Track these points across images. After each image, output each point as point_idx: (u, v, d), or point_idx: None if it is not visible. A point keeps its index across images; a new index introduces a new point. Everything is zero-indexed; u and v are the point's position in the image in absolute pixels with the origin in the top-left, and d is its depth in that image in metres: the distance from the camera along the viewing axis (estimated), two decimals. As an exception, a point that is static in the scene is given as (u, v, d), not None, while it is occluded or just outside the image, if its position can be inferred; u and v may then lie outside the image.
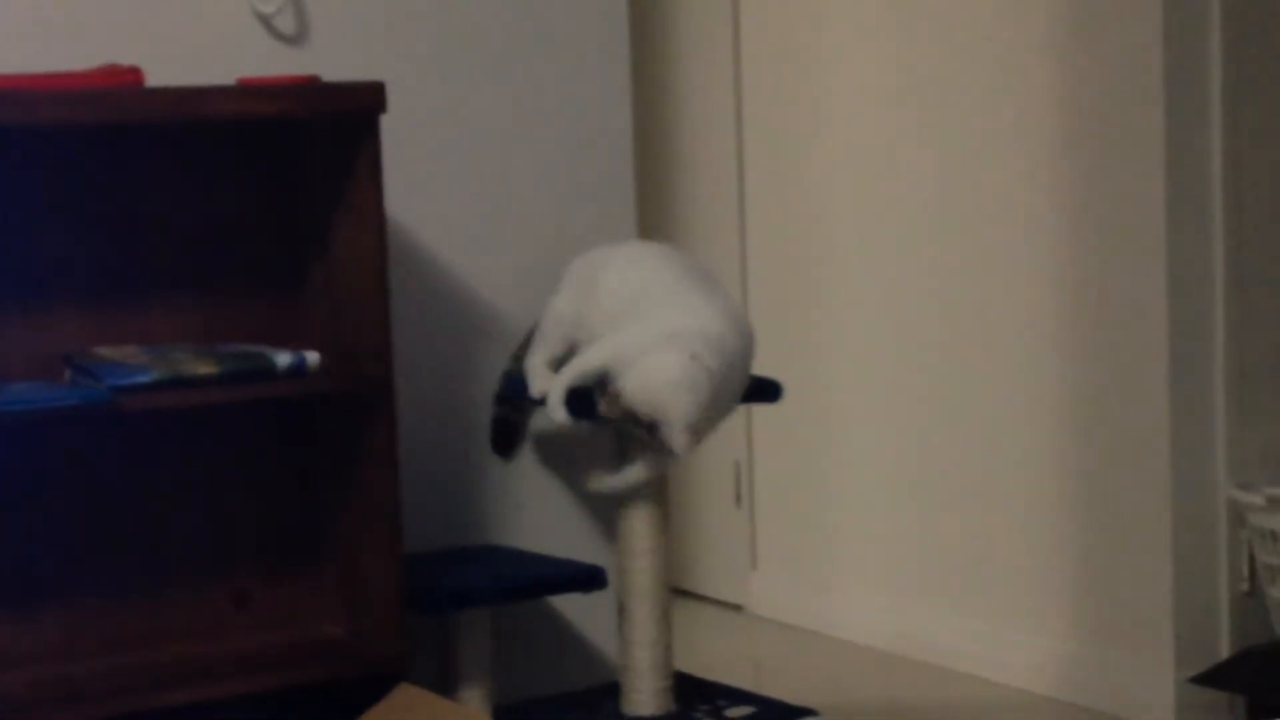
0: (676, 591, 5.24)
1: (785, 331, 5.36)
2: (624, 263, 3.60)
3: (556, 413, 3.50)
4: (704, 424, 3.45)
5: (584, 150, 3.92)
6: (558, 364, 3.59)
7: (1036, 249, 4.64)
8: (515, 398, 3.71)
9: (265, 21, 3.59)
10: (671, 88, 5.75)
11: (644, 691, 3.67)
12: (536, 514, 3.89)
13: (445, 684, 3.59)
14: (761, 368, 5.16)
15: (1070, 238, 4.55)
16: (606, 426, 3.57)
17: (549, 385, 3.54)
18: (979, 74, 4.76)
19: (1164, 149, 4.28)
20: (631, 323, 3.49)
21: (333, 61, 3.56)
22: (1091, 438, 4.55)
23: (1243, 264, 4.36)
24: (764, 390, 3.80)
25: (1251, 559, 4.36)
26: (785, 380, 3.89)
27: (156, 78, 3.27)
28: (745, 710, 3.74)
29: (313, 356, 3.29)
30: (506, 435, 3.79)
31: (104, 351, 3.25)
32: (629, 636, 3.68)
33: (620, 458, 3.64)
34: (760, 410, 5.39)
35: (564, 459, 3.91)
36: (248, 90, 3.29)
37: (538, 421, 3.84)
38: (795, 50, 5.31)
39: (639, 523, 3.64)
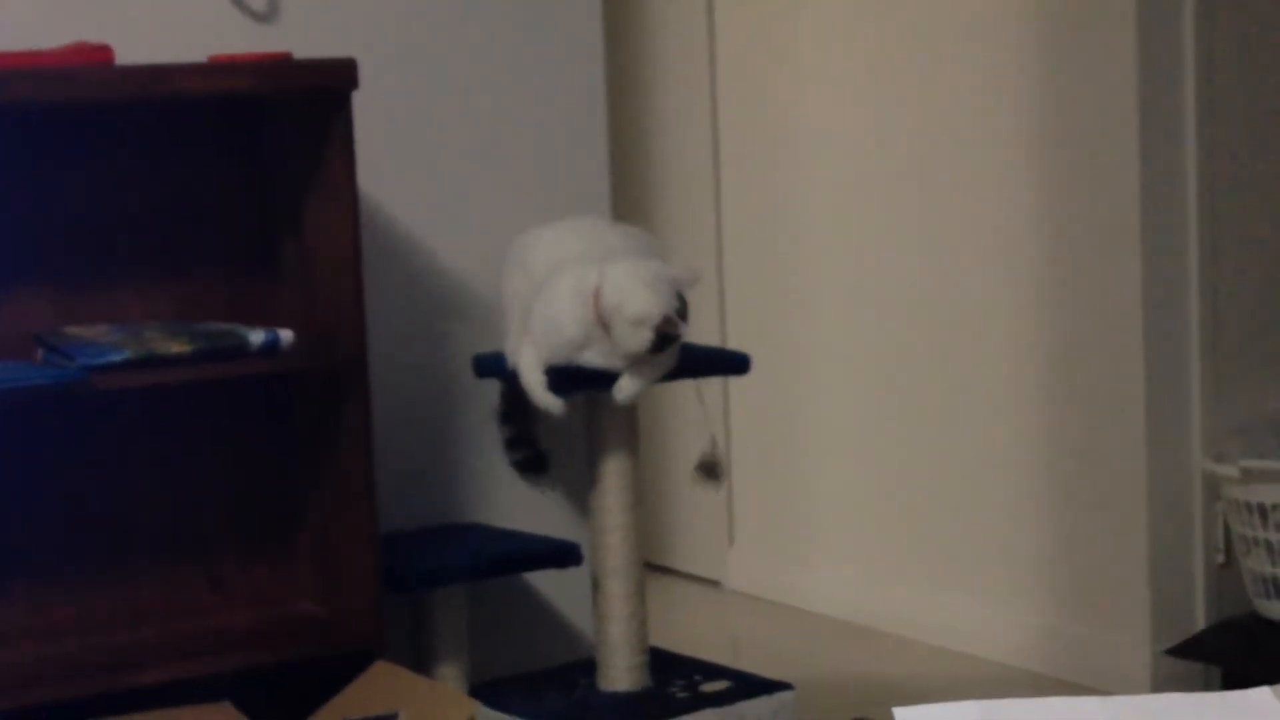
0: (654, 567, 5.24)
1: (762, 309, 5.37)
2: (552, 237, 3.61)
3: (547, 402, 3.50)
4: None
5: (558, 128, 3.92)
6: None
7: (1011, 227, 4.64)
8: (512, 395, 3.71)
9: (236, -1, 3.58)
10: (646, 69, 5.74)
11: (620, 667, 3.68)
12: (510, 492, 3.89)
13: (421, 662, 3.59)
14: (738, 345, 5.18)
15: (1045, 216, 4.55)
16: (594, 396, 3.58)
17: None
18: (955, 64, 4.75)
19: (1138, 123, 4.28)
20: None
21: (304, 38, 3.55)
22: (1067, 412, 4.56)
23: (1217, 237, 4.37)
24: (732, 362, 3.81)
25: (1227, 531, 4.37)
26: (762, 357, 3.89)
27: (127, 56, 3.25)
28: (721, 684, 3.74)
29: (286, 335, 3.28)
30: (528, 455, 3.80)
31: (75, 331, 3.24)
32: (603, 612, 3.68)
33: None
34: (737, 386, 5.40)
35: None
36: (218, 67, 3.28)
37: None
38: (771, 35, 5.30)
39: (611, 499, 3.64)
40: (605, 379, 3.52)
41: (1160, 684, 4.33)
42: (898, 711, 1.55)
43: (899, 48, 4.90)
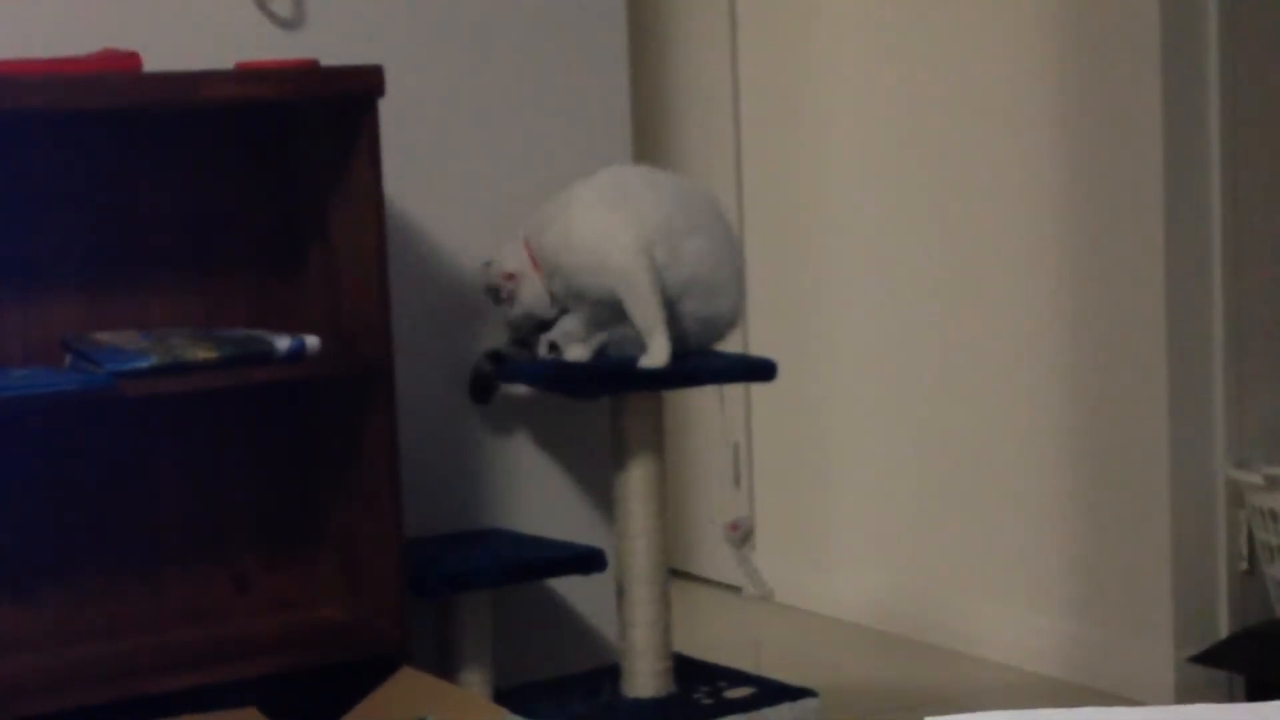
0: (676, 573, 5.24)
1: (784, 310, 5.36)
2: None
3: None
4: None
5: (582, 133, 3.92)
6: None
7: (1034, 229, 4.63)
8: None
9: (263, 6, 3.59)
10: (670, 72, 5.75)
11: (644, 673, 3.68)
12: (535, 497, 3.90)
13: (446, 667, 3.60)
14: (760, 349, 5.18)
15: (1069, 220, 4.55)
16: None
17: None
18: (979, 63, 4.75)
19: (1161, 127, 4.28)
20: None
21: (331, 45, 3.56)
22: (1090, 417, 4.55)
23: (1240, 242, 4.36)
24: (759, 369, 3.81)
25: (1250, 538, 4.36)
26: (785, 362, 3.89)
27: (154, 63, 3.26)
28: (745, 691, 3.74)
29: (312, 340, 3.29)
30: (488, 386, 3.80)
31: (103, 337, 3.25)
32: (628, 618, 3.68)
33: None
34: (759, 392, 5.40)
35: (562, 442, 3.91)
36: (245, 74, 3.29)
37: (536, 404, 3.85)
38: (793, 34, 5.31)
39: (636, 504, 3.65)
40: (632, 381, 3.54)
41: (1183, 691, 4.33)
42: (929, 721, 1.56)
43: (924, 42, 4.89)
